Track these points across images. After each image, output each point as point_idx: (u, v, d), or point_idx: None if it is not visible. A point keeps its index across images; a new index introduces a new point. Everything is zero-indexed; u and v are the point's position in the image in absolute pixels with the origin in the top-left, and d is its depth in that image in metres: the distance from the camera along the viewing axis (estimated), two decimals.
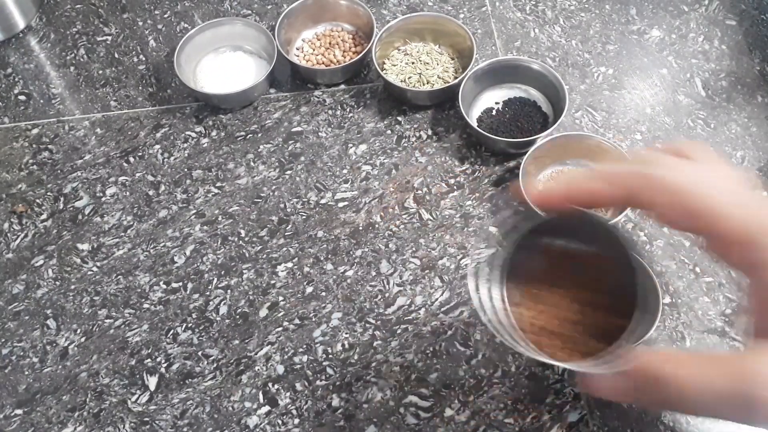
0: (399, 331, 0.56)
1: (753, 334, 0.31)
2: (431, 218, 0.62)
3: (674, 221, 0.32)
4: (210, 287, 0.59)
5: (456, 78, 0.68)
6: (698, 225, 0.31)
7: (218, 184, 0.65)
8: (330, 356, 0.55)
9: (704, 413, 0.31)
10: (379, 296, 0.58)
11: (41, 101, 0.72)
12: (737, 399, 0.28)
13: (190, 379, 0.55)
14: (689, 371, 0.30)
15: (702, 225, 0.30)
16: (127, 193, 0.65)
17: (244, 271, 0.60)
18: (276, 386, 0.54)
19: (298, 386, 0.54)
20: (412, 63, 0.69)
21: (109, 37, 0.76)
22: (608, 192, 0.33)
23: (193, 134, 0.68)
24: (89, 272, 0.61)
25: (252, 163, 0.66)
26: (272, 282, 0.59)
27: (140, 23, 0.77)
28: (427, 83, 0.68)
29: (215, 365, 0.56)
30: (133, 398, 0.54)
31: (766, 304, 0.30)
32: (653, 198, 0.31)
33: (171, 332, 0.57)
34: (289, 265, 0.60)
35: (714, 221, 0.30)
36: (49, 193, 0.65)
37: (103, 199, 0.65)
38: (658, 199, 0.31)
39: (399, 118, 0.68)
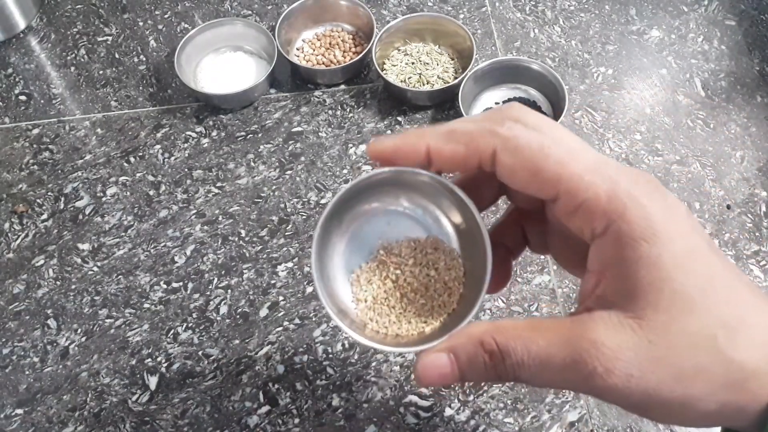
0: None
1: (591, 300, 0.29)
2: None
3: (528, 184, 0.30)
4: (210, 287, 0.59)
5: (456, 78, 0.68)
6: (553, 188, 0.29)
7: (219, 184, 0.65)
8: (330, 356, 0.56)
9: (542, 385, 0.30)
10: None
11: (42, 101, 0.72)
12: (579, 368, 0.27)
13: (190, 379, 0.55)
14: (526, 343, 0.28)
15: (558, 188, 0.29)
16: (128, 193, 0.65)
17: (245, 271, 0.60)
18: (276, 386, 0.54)
19: (299, 386, 0.54)
20: (412, 63, 0.69)
21: (110, 38, 0.76)
22: (451, 151, 0.30)
23: (194, 134, 0.68)
24: (90, 272, 0.61)
25: (252, 163, 0.66)
26: (272, 282, 0.59)
27: (141, 23, 0.77)
28: (427, 83, 0.68)
29: (216, 365, 0.56)
30: (134, 398, 0.54)
31: (613, 269, 0.28)
32: (504, 159, 0.29)
33: (171, 332, 0.57)
34: (290, 264, 0.60)
35: (571, 184, 0.28)
36: (49, 193, 0.65)
37: (104, 199, 0.65)
38: (508, 160, 0.29)
39: (399, 119, 0.68)
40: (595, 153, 0.30)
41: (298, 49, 0.73)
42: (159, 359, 0.56)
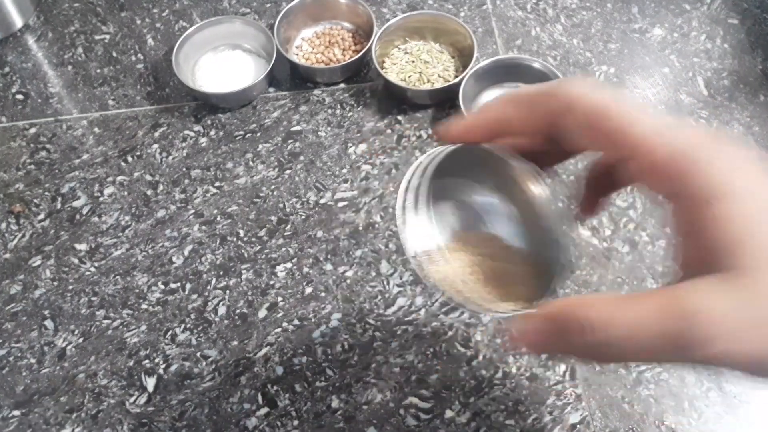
0: (399, 332, 0.56)
1: (680, 265, 0.29)
2: None
3: (595, 144, 0.29)
4: (209, 288, 0.59)
5: (457, 77, 0.68)
6: (620, 148, 0.28)
7: (217, 184, 0.65)
8: (329, 357, 0.55)
9: (635, 358, 0.29)
10: (379, 297, 0.58)
11: (39, 100, 0.71)
12: (676, 340, 0.26)
13: (188, 381, 0.55)
14: (618, 314, 0.27)
15: (625, 148, 0.28)
16: (125, 193, 0.65)
17: (243, 272, 0.59)
18: (275, 387, 0.54)
19: (298, 387, 0.54)
20: (413, 62, 0.69)
21: (107, 36, 0.76)
22: (520, 116, 0.31)
23: (192, 133, 0.68)
24: (87, 273, 0.60)
25: (251, 163, 0.66)
26: (271, 282, 0.59)
27: (138, 22, 0.77)
28: (428, 82, 0.68)
29: (214, 366, 0.55)
30: (132, 399, 0.54)
31: (692, 233, 0.27)
32: (572, 120, 0.29)
33: (169, 333, 0.57)
34: (288, 265, 0.60)
35: (638, 144, 0.28)
36: (46, 193, 0.65)
37: (101, 198, 0.64)
38: (577, 120, 0.29)
39: (399, 118, 0.68)
40: (659, 115, 0.29)
41: (297, 48, 0.73)
42: (157, 360, 0.56)
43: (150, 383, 0.55)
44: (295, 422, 0.52)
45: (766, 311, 0.26)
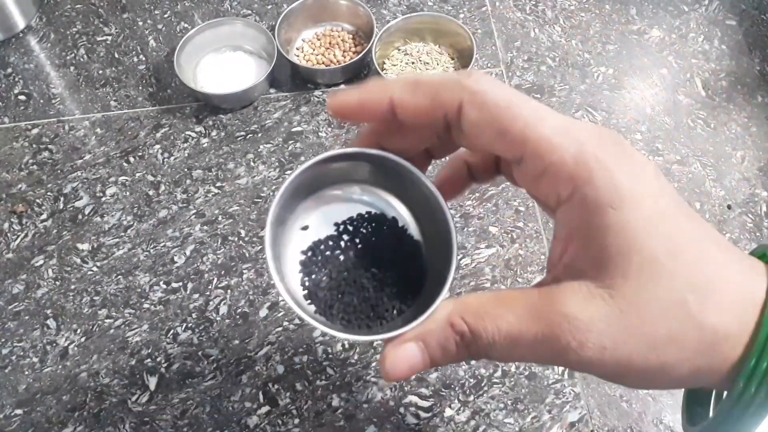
0: None
1: (559, 269, 0.28)
2: None
3: (495, 139, 0.28)
4: (210, 287, 0.59)
5: None
6: (521, 145, 0.28)
7: (218, 184, 0.65)
8: (330, 356, 0.55)
9: (513, 360, 0.29)
10: None
11: (41, 101, 0.72)
12: (552, 347, 0.27)
13: (190, 379, 0.55)
14: (496, 321, 0.28)
15: (528, 145, 0.27)
16: (127, 193, 0.65)
17: (244, 271, 0.60)
18: (276, 386, 0.54)
19: (298, 386, 0.54)
20: (412, 63, 0.69)
21: (109, 37, 0.76)
22: (418, 102, 0.29)
23: (193, 134, 0.68)
24: (89, 272, 0.61)
25: (252, 163, 0.66)
26: (272, 282, 0.59)
27: (140, 23, 0.77)
28: None
29: (215, 365, 0.56)
30: (133, 398, 0.54)
31: (583, 237, 0.27)
32: (477, 113, 0.28)
33: (171, 332, 0.57)
34: None
35: (542, 143, 0.27)
36: (49, 193, 0.65)
37: (103, 199, 0.65)
38: (482, 113, 0.28)
39: None
40: (563, 116, 0.28)
41: (297, 49, 0.73)
42: (158, 359, 0.56)
43: (152, 382, 0.55)
44: (296, 420, 0.53)
45: (635, 322, 0.26)
